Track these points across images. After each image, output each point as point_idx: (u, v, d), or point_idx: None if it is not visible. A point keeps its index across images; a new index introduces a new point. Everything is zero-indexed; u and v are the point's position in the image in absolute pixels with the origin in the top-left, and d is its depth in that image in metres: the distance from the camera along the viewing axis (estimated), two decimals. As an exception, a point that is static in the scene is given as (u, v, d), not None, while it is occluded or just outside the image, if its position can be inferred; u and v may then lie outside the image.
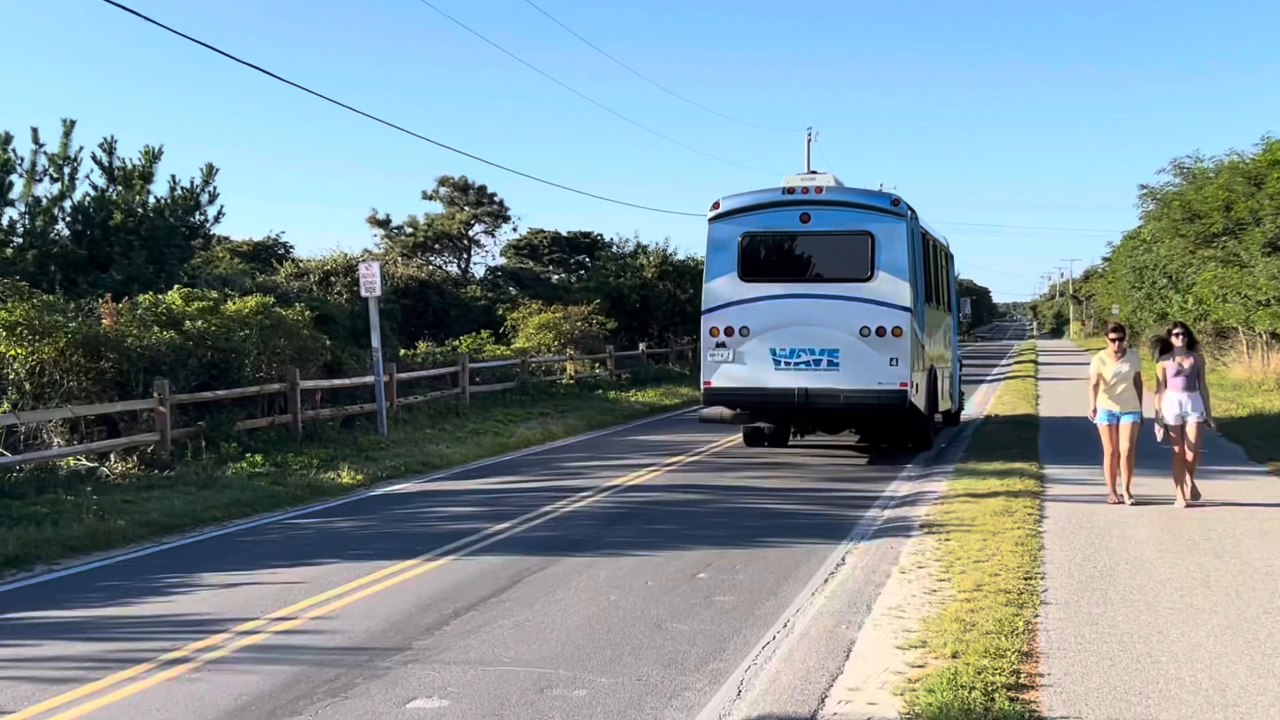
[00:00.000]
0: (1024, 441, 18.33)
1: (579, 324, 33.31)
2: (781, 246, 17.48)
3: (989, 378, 40.06)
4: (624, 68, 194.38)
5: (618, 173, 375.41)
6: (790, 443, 19.70)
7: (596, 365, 32.53)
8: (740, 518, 12.47)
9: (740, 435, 20.28)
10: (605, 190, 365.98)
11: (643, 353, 35.94)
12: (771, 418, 18.15)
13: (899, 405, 16.79)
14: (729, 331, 17.25)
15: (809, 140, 59.73)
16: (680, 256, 41.84)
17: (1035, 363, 50.25)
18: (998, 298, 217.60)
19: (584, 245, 62.29)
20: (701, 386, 17.47)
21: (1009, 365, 50.66)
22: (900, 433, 18.07)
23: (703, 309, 17.52)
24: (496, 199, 51.76)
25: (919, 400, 17.33)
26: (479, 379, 25.88)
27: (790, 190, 17.50)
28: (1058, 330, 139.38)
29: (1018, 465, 15.20)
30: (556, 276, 59.40)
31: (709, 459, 17.86)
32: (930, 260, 18.88)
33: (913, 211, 17.64)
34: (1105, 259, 77.50)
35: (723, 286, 17.40)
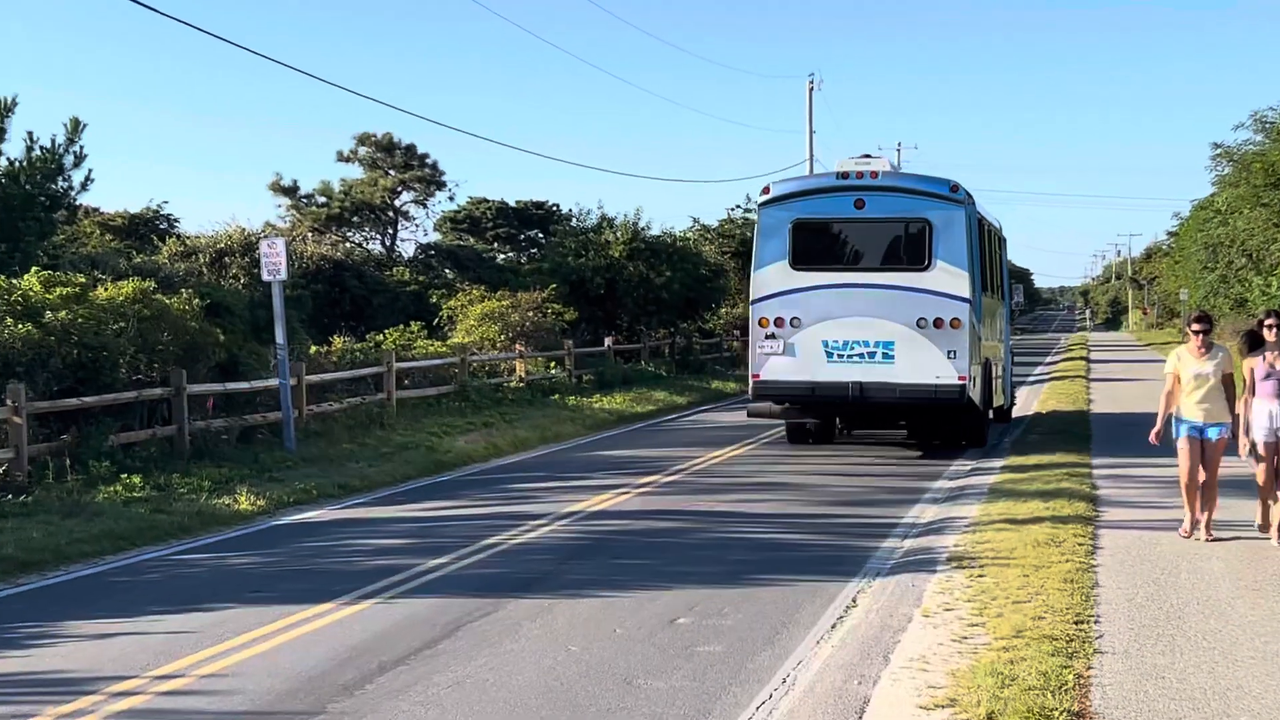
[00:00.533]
0: (1074, 454, 18.46)
1: (531, 314, 33.26)
2: (835, 234, 19.98)
3: (1031, 378, 40.34)
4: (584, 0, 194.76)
5: (578, 130, 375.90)
6: (834, 439, 22.19)
7: (552, 365, 32.54)
8: (730, 550, 12.50)
9: (727, 450, 20.95)
10: (562, 150, 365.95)
11: (609, 349, 35.99)
12: (823, 413, 20.50)
13: (957, 400, 19.07)
14: (779, 322, 19.68)
15: (810, 89, 60.02)
16: (654, 231, 41.94)
17: (1086, 359, 50.67)
18: (1041, 281, 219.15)
19: (536, 218, 62.28)
20: (750, 379, 19.99)
21: (1055, 363, 51.06)
22: (955, 429, 20.16)
23: (751, 299, 19.96)
24: (429, 161, 51.70)
25: (976, 395, 19.51)
26: (408, 381, 25.82)
27: (844, 175, 19.88)
28: (1114, 320, 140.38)
29: (1065, 485, 15.33)
30: (503, 256, 59.42)
31: (691, 478, 17.92)
32: (985, 247, 20.81)
33: (971, 197, 19.79)
34: (1171, 234, 77.97)
35: (773, 275, 19.79)
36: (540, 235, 61.33)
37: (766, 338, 19.83)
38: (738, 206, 56.64)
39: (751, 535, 13.38)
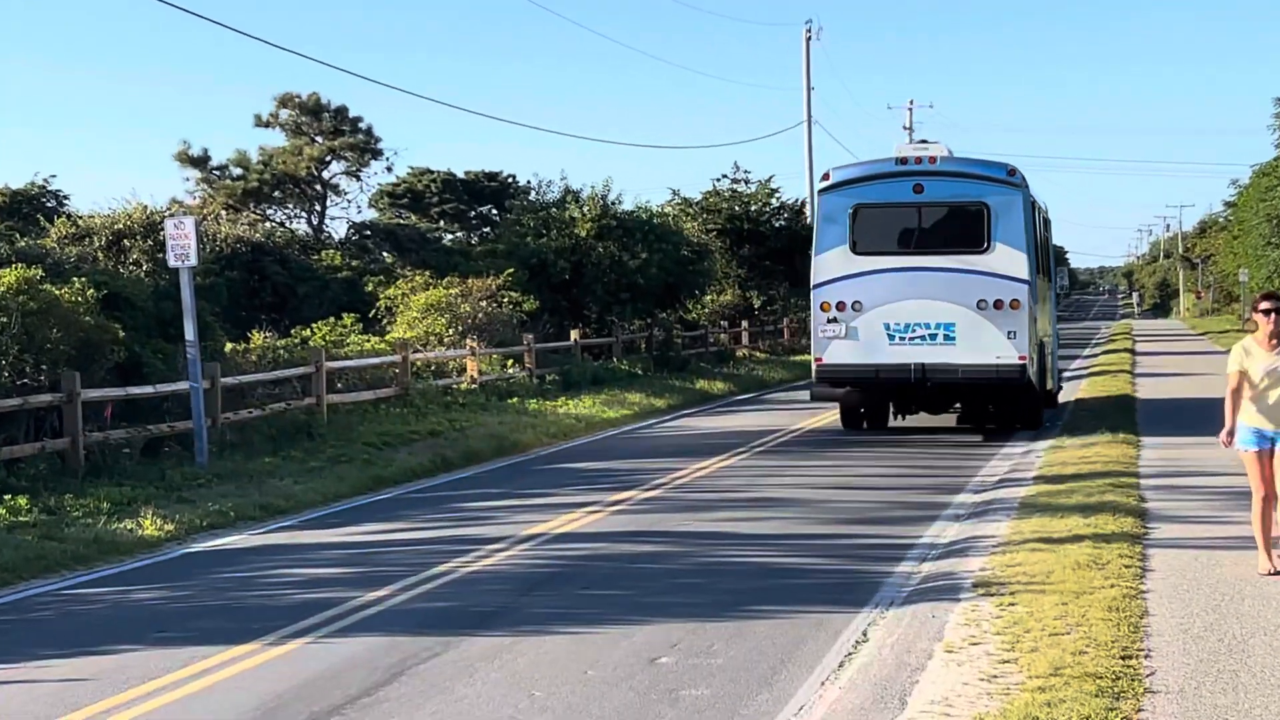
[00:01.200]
0: (1119, 457, 18.53)
1: (484, 304, 33.24)
2: (895, 218, 23.19)
3: (1066, 373, 40.47)
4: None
5: (538, 91, 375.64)
6: (891, 424, 25.24)
7: (510, 363, 32.51)
8: (719, 576, 12.50)
9: (715, 460, 21.19)
10: (519, 114, 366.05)
11: (576, 344, 35.99)
12: (884, 396, 24.07)
13: (1018, 380, 22.44)
14: (840, 307, 22.84)
15: (808, 38, 60.17)
16: (627, 206, 41.95)
17: (1131, 351, 50.88)
18: (1077, 261, 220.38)
19: (488, 191, 62.29)
20: (813, 363, 23.52)
21: (1095, 355, 51.25)
22: (1012, 409, 23.63)
23: (812, 284, 23.29)
24: (362, 126, 51.51)
25: (1034, 375, 22.79)
26: (341, 384, 25.76)
27: (903, 160, 23.23)
28: (1162, 305, 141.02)
29: (1109, 497, 15.38)
30: (450, 236, 59.40)
31: (674, 494, 17.93)
32: (1038, 229, 24.07)
33: (1025, 180, 23.11)
34: (1229, 204, 78.37)
35: (833, 260, 22.99)
36: (494, 212, 61.26)
37: (828, 322, 22.92)
38: (724, 177, 56.81)
39: (744, 559, 13.38)
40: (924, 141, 24.47)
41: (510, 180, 62.37)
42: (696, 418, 29.80)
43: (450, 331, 32.01)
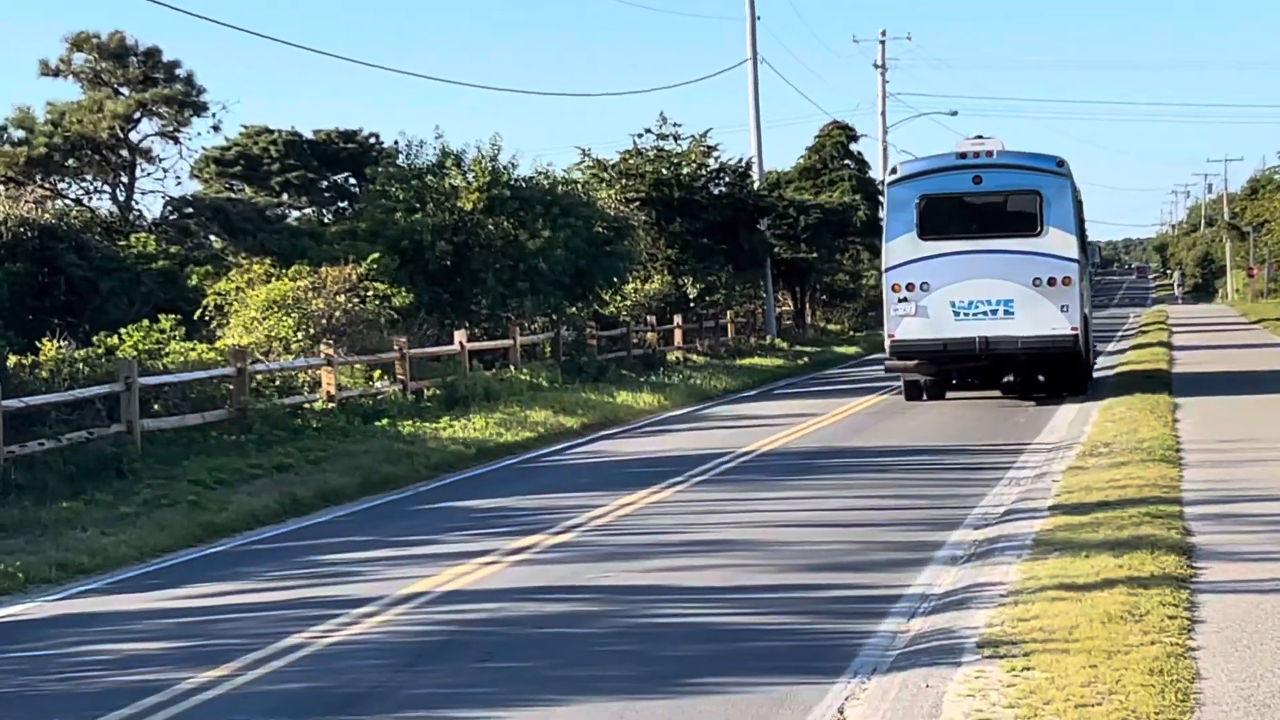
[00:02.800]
0: (1156, 479, 18.64)
1: (342, 300, 33.09)
2: (957, 207, 32.86)
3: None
4: None
5: (401, 25, 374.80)
6: (948, 395, 34.17)
7: (378, 375, 32.38)
8: (656, 641, 12.51)
9: (645, 493, 21.33)
10: (380, 55, 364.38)
11: (462, 349, 35.85)
12: (950, 365, 32.95)
13: (1072, 348, 31.88)
14: (910, 287, 31.76)
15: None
16: (524, 171, 41.90)
17: (1168, 345, 51.24)
18: (1096, 233, 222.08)
19: (345, 155, 62.13)
20: (886, 339, 32.60)
21: (1122, 350, 51.60)
22: (1065, 376, 33.17)
23: (884, 268, 32.64)
24: (181, 74, 51.09)
25: (1083, 345, 32.52)
26: (160, 406, 25.55)
27: (963, 155, 32.79)
28: (1204, 286, 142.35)
29: (1145, 530, 15.46)
30: (298, 213, 59.18)
31: (593, 537, 17.96)
32: (1080, 212, 34.06)
33: (1071, 170, 32.79)
34: (1285, 158, 79.15)
35: (903, 246, 32.07)
36: (352, 181, 61.11)
37: (899, 301, 31.86)
38: (647, 132, 56.99)
39: (685, 619, 13.36)
40: (980, 137, 33.57)
41: (373, 141, 62.26)
42: (619, 440, 29.83)
43: (300, 335, 31.83)
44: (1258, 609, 12.11)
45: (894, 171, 34.39)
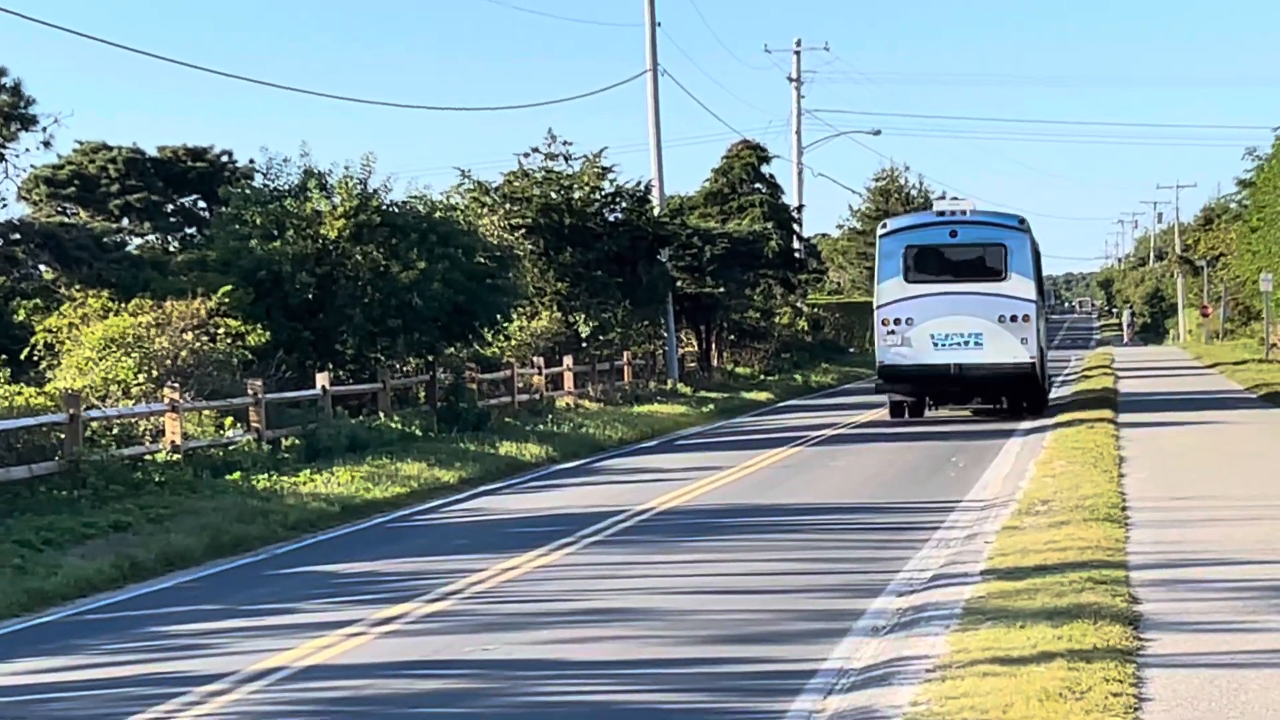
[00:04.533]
0: (1099, 541, 18.77)
1: (189, 337, 32.93)
2: (937, 256, 43.36)
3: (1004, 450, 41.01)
4: None
5: (258, 30, 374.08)
6: (926, 415, 44.52)
7: (229, 422, 32.21)
8: (539, 725, 12.46)
9: (530, 556, 21.55)
10: (232, 64, 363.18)
11: (325, 394, 35.71)
12: (929, 387, 43.46)
13: (1030, 373, 42.07)
14: (898, 321, 42.00)
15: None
16: (397, 195, 41.83)
17: (1114, 401, 51.61)
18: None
19: (193, 175, 61.77)
20: (876, 365, 43.67)
21: (1053, 413, 51.93)
22: (1024, 397, 43.58)
23: (876, 305, 43.49)
24: (7, 82, 50.80)
25: (1039, 372, 43.06)
26: (-19, 457, 25.37)
27: (942, 213, 45.33)
28: (1155, 326, 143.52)
29: (1087, 597, 15.56)
30: (140, 240, 58.75)
31: (472, 605, 17.97)
32: (1038, 261, 45.02)
33: (1030, 226, 44.42)
34: (1244, 183, 79.76)
35: (892, 287, 42.50)
36: (202, 205, 60.76)
37: (889, 333, 42.20)
38: (534, 151, 56.94)
39: (577, 696, 13.38)
40: (955, 198, 46.67)
41: (225, 159, 61.90)
42: (502, 496, 29.80)
43: (141, 378, 31.65)
44: (1211, 685, 12.19)
45: (884, 226, 45.60)
